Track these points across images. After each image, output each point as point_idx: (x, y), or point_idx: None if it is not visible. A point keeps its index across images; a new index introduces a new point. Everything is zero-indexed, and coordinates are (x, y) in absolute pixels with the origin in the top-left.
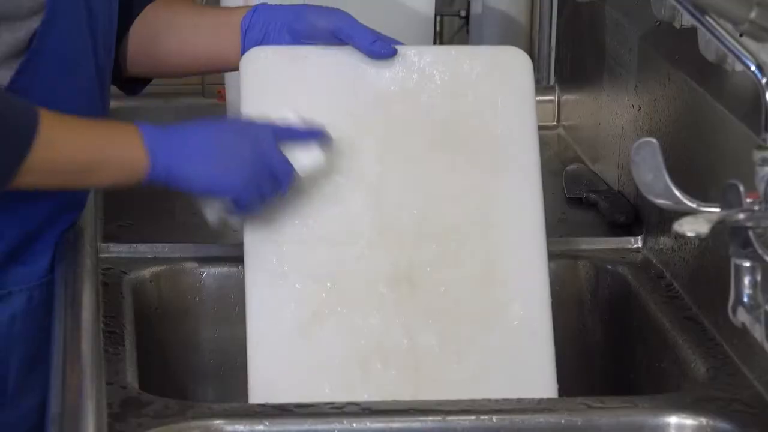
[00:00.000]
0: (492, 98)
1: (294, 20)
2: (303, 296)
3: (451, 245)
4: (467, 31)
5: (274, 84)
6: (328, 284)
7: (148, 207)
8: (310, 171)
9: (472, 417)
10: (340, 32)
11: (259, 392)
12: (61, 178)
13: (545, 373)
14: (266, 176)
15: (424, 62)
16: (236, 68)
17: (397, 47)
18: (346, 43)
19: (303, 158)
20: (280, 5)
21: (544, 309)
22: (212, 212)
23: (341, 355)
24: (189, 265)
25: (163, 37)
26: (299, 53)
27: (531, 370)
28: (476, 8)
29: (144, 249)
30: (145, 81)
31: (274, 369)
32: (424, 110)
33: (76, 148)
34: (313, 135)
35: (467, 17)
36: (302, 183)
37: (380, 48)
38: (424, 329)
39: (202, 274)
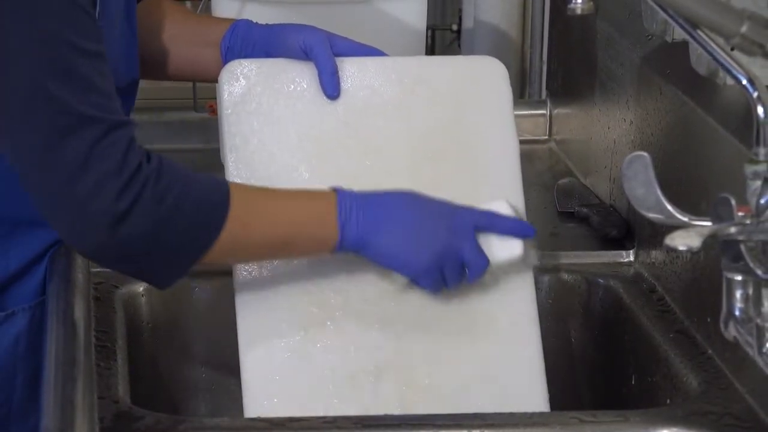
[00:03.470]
0: (468, 108)
1: (271, 40)
2: (293, 313)
3: None
4: (459, 45)
5: (253, 97)
6: (318, 301)
7: None
8: (504, 263)
9: (464, 431)
10: (310, 51)
11: (252, 411)
12: (253, 254)
13: (536, 387)
14: (455, 264)
15: (401, 73)
16: (215, 80)
17: (375, 58)
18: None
19: (500, 249)
20: (258, 25)
21: (531, 322)
22: (397, 281)
23: (332, 371)
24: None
25: (148, 38)
26: (278, 66)
27: (522, 383)
28: (468, 22)
29: None
30: None
31: (267, 387)
32: (403, 121)
33: (268, 225)
34: (515, 230)
35: (459, 31)
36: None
37: (331, 87)
38: (413, 344)
39: (193, 288)
